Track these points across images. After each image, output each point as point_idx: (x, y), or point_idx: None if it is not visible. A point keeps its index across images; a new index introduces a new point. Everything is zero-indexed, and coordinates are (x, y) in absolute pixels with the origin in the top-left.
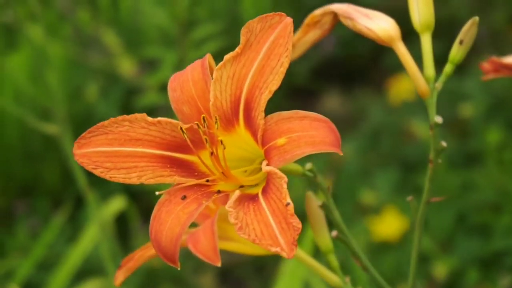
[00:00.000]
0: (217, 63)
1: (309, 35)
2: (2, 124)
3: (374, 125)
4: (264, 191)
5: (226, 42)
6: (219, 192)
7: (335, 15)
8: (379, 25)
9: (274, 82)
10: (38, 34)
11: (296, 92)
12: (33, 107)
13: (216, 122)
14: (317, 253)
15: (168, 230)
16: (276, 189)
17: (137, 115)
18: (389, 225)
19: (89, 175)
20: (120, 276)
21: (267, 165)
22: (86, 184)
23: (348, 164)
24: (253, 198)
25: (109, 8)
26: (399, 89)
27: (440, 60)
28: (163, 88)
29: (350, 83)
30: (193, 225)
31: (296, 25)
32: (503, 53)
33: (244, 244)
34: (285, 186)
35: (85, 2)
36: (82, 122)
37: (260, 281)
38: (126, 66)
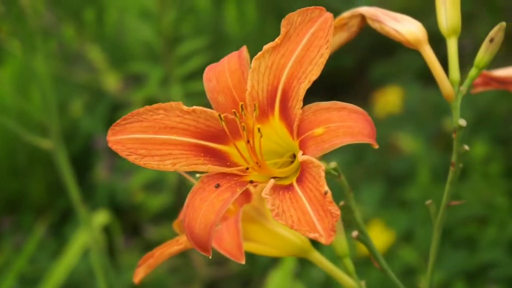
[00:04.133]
0: (201, 80)
1: (336, 37)
2: None
3: None
4: (299, 180)
5: (211, 57)
6: (251, 182)
7: (362, 18)
8: (407, 28)
9: (313, 72)
10: (23, 50)
11: None
12: (20, 123)
13: (254, 109)
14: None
15: (202, 217)
16: (312, 178)
17: (172, 103)
18: (375, 238)
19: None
20: (140, 273)
21: (303, 155)
22: (78, 196)
23: (334, 177)
24: (287, 187)
25: (94, 24)
26: (385, 102)
27: (426, 72)
28: (148, 103)
29: (335, 96)
30: None
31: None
32: (490, 66)
33: (265, 246)
34: (323, 174)
35: (70, 18)
36: (67, 138)
37: None
38: (111, 82)
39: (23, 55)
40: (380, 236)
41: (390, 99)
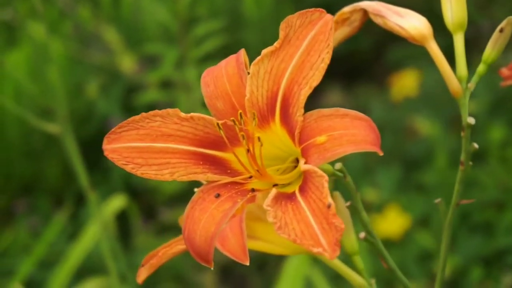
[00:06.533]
0: (217, 62)
1: (337, 33)
2: (2, 122)
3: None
4: (302, 190)
5: (227, 40)
6: (253, 190)
7: (364, 13)
8: (411, 23)
9: (314, 77)
10: (39, 31)
11: None
12: (34, 105)
13: (254, 118)
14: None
15: (202, 229)
16: (315, 188)
17: (169, 110)
18: (391, 222)
19: (90, 174)
20: (143, 274)
21: (305, 163)
22: (88, 183)
23: (350, 161)
24: (290, 197)
25: (109, 5)
26: (402, 85)
27: (443, 56)
28: (164, 85)
29: (352, 79)
30: None
31: None
32: (506, 50)
33: (271, 244)
34: (326, 185)
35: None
36: (82, 120)
37: (261, 279)
38: (127, 63)
39: (32, 37)
40: (396, 221)
41: (407, 82)
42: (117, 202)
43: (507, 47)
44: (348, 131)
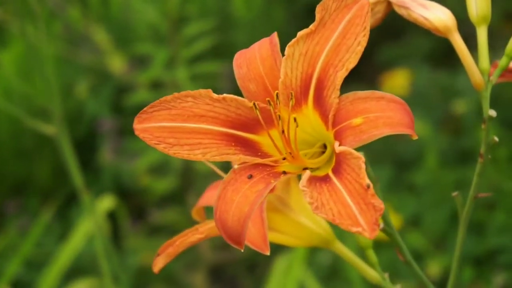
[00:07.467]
0: (207, 62)
1: None
2: None
3: None
4: (336, 171)
5: (218, 40)
6: (284, 173)
7: (388, 4)
8: (436, 15)
9: (350, 60)
10: (31, 32)
11: None
12: (24, 105)
13: (291, 98)
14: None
15: (235, 209)
16: (351, 170)
17: (201, 91)
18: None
19: (83, 175)
20: (159, 263)
21: (340, 145)
22: (82, 183)
23: None
24: (324, 179)
25: (99, 5)
26: (393, 85)
27: (434, 55)
28: (154, 85)
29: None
30: None
31: (289, 21)
32: (498, 49)
33: (287, 236)
34: (363, 166)
35: (75, 0)
36: (72, 120)
37: (252, 280)
38: (117, 64)
39: (26, 37)
40: None
41: (398, 81)
42: (106, 202)
43: (497, 40)
44: (384, 113)
